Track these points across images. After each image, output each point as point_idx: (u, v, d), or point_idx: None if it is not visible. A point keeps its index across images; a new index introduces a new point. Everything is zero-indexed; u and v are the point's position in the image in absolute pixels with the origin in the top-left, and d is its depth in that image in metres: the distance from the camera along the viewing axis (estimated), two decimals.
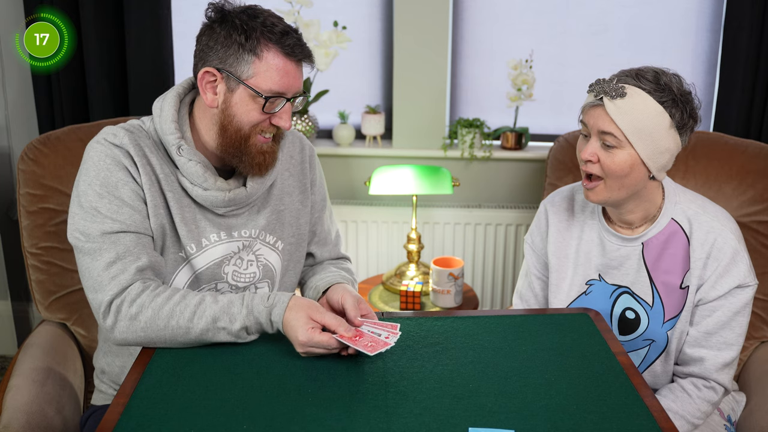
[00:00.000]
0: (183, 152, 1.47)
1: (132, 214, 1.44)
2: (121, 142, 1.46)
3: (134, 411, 1.22)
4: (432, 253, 2.76)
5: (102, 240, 1.41)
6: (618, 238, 1.64)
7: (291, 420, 1.20)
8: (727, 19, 2.50)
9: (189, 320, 1.37)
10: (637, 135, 1.49)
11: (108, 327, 1.39)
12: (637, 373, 1.33)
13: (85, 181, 1.45)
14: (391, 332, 1.37)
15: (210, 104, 1.46)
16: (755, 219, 2.02)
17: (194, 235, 1.52)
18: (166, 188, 1.49)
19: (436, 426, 1.18)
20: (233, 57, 1.41)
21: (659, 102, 1.48)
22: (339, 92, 2.79)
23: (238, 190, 1.52)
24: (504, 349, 1.41)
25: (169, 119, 1.48)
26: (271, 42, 1.41)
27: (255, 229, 1.58)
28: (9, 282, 2.89)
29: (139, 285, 1.40)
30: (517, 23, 2.72)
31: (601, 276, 1.66)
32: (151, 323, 1.37)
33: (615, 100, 1.48)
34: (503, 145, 2.74)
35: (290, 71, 1.44)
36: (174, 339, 1.38)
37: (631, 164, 1.51)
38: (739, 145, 2.12)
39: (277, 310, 1.37)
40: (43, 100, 2.68)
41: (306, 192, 1.67)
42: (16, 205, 1.98)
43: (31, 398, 1.66)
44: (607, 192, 1.55)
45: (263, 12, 1.45)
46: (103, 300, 1.39)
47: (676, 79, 1.52)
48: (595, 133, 1.53)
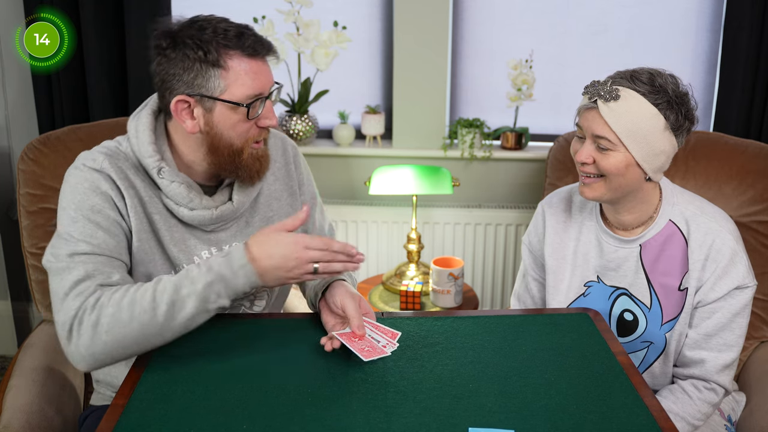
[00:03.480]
0: (164, 174, 1.42)
1: (106, 238, 1.39)
2: (101, 166, 1.41)
3: (134, 411, 1.22)
4: (432, 253, 2.76)
5: (71, 260, 1.35)
6: (615, 239, 1.63)
7: (291, 420, 1.20)
8: (727, 19, 2.50)
9: (152, 300, 1.29)
10: (631, 138, 1.48)
11: (73, 344, 1.30)
12: (637, 373, 1.33)
13: (61, 206, 1.41)
14: (389, 342, 1.37)
15: (191, 131, 1.41)
16: (755, 219, 2.02)
17: (185, 254, 1.49)
18: (152, 210, 1.45)
19: (435, 426, 1.18)
20: (200, 77, 1.36)
21: (654, 104, 1.48)
22: (339, 92, 2.79)
23: (224, 207, 1.48)
24: (504, 349, 1.41)
25: (146, 142, 1.43)
26: (230, 48, 1.36)
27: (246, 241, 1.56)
28: (9, 282, 2.89)
29: (97, 294, 1.32)
30: (517, 23, 2.72)
31: (599, 277, 1.66)
32: (115, 320, 1.29)
33: (609, 102, 1.48)
34: (503, 145, 2.74)
35: (259, 70, 1.39)
36: (143, 331, 1.29)
37: (626, 165, 1.51)
38: (739, 145, 2.12)
39: (236, 252, 1.31)
40: (43, 100, 2.68)
41: (295, 195, 1.65)
42: (16, 205, 1.98)
43: (31, 398, 1.66)
44: (603, 188, 1.54)
45: (209, 20, 1.38)
46: (66, 318, 1.31)
47: (672, 80, 1.51)
48: (590, 136, 1.52)
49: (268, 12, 2.55)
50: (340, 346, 1.35)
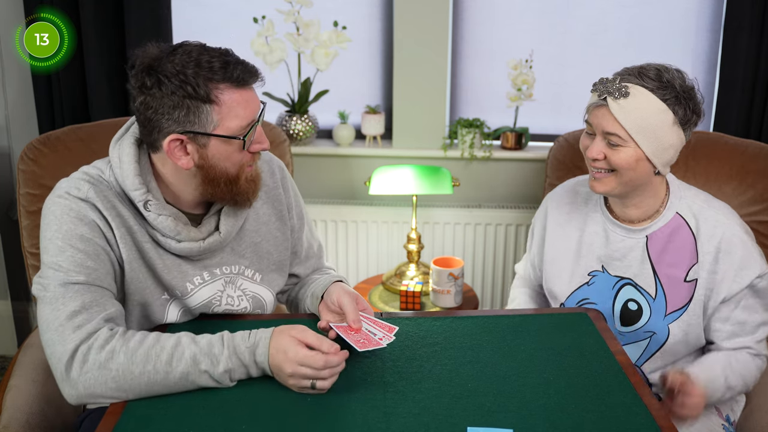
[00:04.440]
0: (151, 207, 1.39)
1: (97, 267, 1.35)
2: (87, 195, 1.37)
3: (134, 411, 1.23)
4: (432, 253, 2.76)
5: (65, 290, 1.31)
6: (623, 229, 1.66)
7: (290, 419, 1.20)
8: (727, 19, 2.50)
9: (167, 363, 1.26)
10: (641, 133, 1.51)
11: (72, 379, 1.26)
12: (636, 372, 1.34)
13: (46, 237, 1.36)
14: (386, 335, 1.37)
15: (186, 167, 1.37)
16: (755, 219, 2.02)
17: (179, 280, 1.46)
18: (141, 239, 1.42)
19: (434, 425, 1.18)
20: (191, 114, 1.32)
21: (662, 100, 1.51)
22: (339, 92, 2.79)
23: (211, 239, 1.45)
24: (503, 349, 1.41)
25: (131, 174, 1.38)
26: (219, 82, 1.31)
27: (235, 266, 1.53)
28: (9, 282, 2.89)
29: (106, 330, 1.29)
30: (517, 23, 2.72)
31: (604, 267, 1.68)
32: (125, 370, 1.25)
33: (618, 100, 1.51)
34: (503, 145, 2.74)
35: (249, 98, 1.36)
36: (150, 387, 1.26)
37: (637, 160, 1.54)
38: (739, 145, 2.12)
39: (262, 347, 1.29)
40: (43, 100, 2.68)
41: (284, 219, 1.62)
42: (16, 205, 1.98)
43: (31, 398, 1.66)
44: (614, 182, 1.57)
45: (189, 52, 1.32)
46: (65, 350, 1.26)
47: (679, 75, 1.54)
48: (600, 133, 1.55)
49: (268, 12, 2.55)
50: (337, 336, 1.35)
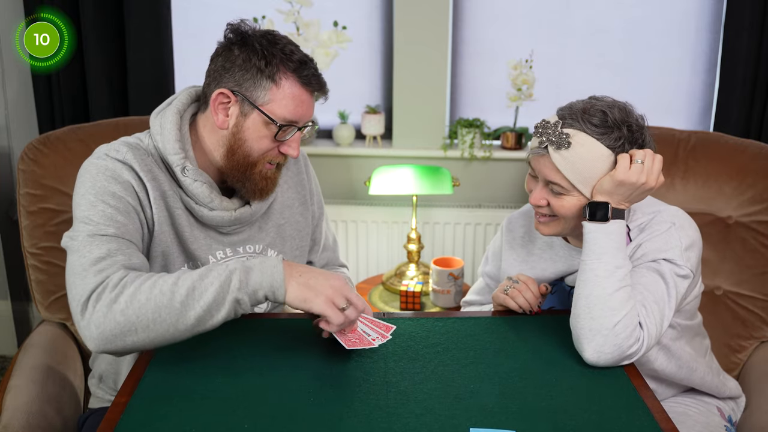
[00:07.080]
0: (188, 173, 1.44)
1: (126, 223, 1.38)
2: (124, 157, 1.42)
3: (134, 411, 1.22)
4: (432, 253, 2.76)
5: (92, 239, 1.33)
6: (578, 252, 1.58)
7: (292, 419, 1.20)
8: (727, 19, 2.50)
9: (173, 284, 1.25)
10: (584, 183, 1.44)
11: (86, 320, 1.25)
12: (638, 374, 1.34)
13: (79, 193, 1.39)
14: (380, 336, 1.36)
15: (221, 126, 1.44)
16: (755, 219, 2.02)
17: (203, 252, 1.51)
18: (174, 205, 1.47)
19: (437, 426, 1.18)
20: (250, 81, 1.41)
21: (607, 146, 1.42)
22: (339, 92, 2.77)
23: (243, 209, 1.51)
24: (505, 350, 1.41)
25: (172, 138, 1.45)
26: (289, 70, 1.41)
27: (259, 244, 1.58)
28: (9, 282, 2.88)
29: (122, 272, 1.29)
30: (517, 24, 2.72)
31: (563, 279, 1.64)
32: (131, 299, 1.24)
33: (560, 150, 1.42)
34: (503, 145, 2.74)
35: (305, 101, 1.44)
36: (157, 315, 1.24)
37: (580, 207, 1.47)
38: (739, 145, 2.12)
39: (272, 256, 1.31)
40: (43, 100, 2.67)
41: (306, 204, 1.67)
42: (16, 205, 1.98)
43: (31, 398, 1.66)
44: (559, 227, 1.52)
45: (282, 39, 1.44)
46: (84, 291, 1.27)
47: (625, 115, 1.44)
48: (542, 180, 1.49)
49: (268, 12, 2.55)
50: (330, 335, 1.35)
